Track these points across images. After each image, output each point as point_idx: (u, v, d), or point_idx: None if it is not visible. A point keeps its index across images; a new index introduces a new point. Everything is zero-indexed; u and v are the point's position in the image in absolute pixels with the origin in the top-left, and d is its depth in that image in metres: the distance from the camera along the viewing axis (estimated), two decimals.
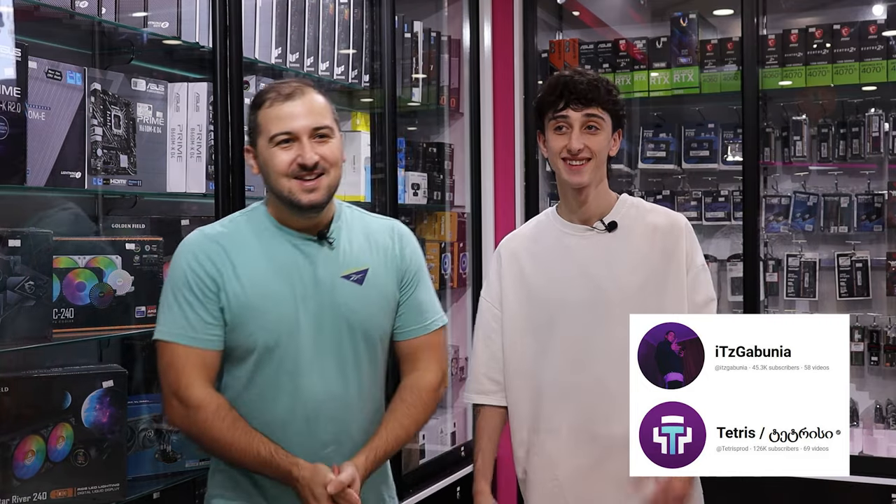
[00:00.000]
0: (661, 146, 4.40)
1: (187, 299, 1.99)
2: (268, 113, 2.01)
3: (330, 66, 3.32)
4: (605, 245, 2.32)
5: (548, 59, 4.54)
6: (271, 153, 2.00)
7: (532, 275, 2.35)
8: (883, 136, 4.05)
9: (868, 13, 4.17)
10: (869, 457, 3.93)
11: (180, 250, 2.05)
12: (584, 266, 2.31)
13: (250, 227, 2.07)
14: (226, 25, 2.67)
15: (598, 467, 2.29)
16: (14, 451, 2.19)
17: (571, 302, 2.30)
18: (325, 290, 2.05)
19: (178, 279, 2.01)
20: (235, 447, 1.96)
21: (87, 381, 2.35)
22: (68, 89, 2.35)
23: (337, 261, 2.08)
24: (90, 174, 2.40)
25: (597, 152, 2.27)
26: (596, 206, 2.34)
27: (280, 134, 1.99)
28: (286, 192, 2.00)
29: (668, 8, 4.55)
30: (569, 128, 2.25)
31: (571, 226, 2.35)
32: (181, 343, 1.98)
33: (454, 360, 4.26)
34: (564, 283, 2.31)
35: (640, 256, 2.31)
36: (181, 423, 2.00)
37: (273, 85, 2.07)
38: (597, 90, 2.24)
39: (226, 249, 2.02)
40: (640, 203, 2.41)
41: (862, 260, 4.14)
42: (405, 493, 3.52)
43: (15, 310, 2.14)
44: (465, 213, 4.30)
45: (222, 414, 1.96)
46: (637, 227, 2.33)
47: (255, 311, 2.00)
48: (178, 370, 1.97)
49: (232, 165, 2.67)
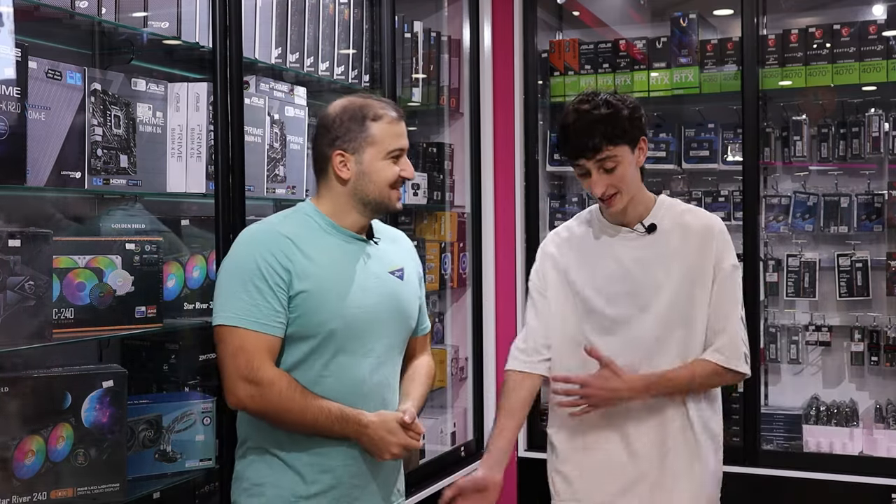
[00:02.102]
0: (661, 146, 4.40)
1: (259, 287, 2.11)
2: (388, 129, 2.24)
3: (330, 66, 3.32)
4: (644, 246, 2.42)
5: (548, 59, 4.54)
6: (383, 165, 2.24)
7: (574, 272, 2.47)
8: (883, 136, 4.05)
9: (868, 13, 4.17)
10: (869, 457, 3.94)
11: (247, 241, 2.20)
12: (624, 266, 2.42)
13: (307, 225, 2.23)
14: (226, 25, 2.67)
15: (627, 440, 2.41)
16: (14, 451, 2.19)
17: (609, 299, 2.41)
18: (381, 283, 2.27)
19: (249, 269, 2.13)
20: (310, 411, 2.12)
21: (87, 381, 2.35)
22: (68, 89, 2.34)
23: (383, 259, 2.31)
24: (90, 174, 2.40)
25: (621, 185, 2.36)
26: (634, 212, 2.44)
27: (397, 150, 2.25)
28: (385, 198, 2.25)
29: (668, 8, 4.55)
30: (588, 175, 2.36)
31: (613, 227, 2.46)
32: (253, 329, 2.11)
33: (454, 360, 4.26)
34: (604, 281, 2.42)
35: (677, 258, 2.40)
36: (251, 402, 2.12)
37: (381, 102, 2.29)
38: (599, 134, 2.29)
39: (293, 241, 2.17)
40: (676, 204, 2.50)
41: (862, 260, 4.14)
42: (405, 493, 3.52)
43: (15, 310, 2.13)
44: (465, 213, 4.30)
45: (293, 386, 2.13)
46: (674, 229, 2.43)
47: (328, 297, 2.15)
48: (249, 353, 2.10)
49: (232, 165, 2.67)
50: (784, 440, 4.07)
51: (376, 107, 2.25)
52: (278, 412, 2.12)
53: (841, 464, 3.86)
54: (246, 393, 2.11)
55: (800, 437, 4.06)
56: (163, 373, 2.78)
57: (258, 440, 2.22)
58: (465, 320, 4.31)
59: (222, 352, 2.13)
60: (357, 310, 2.19)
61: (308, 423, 2.13)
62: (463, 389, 4.34)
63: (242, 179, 2.70)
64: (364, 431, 2.16)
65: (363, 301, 2.21)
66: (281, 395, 2.10)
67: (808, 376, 4.34)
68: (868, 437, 4.04)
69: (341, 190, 2.24)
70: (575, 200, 4.58)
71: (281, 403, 2.11)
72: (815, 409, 4.18)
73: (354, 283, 2.21)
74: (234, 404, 2.15)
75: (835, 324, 4.23)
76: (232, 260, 2.19)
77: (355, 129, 2.22)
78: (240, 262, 2.16)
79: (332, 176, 2.24)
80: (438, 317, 4.33)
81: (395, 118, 2.26)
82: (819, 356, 4.31)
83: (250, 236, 2.21)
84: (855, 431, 4.03)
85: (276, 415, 2.13)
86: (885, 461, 3.85)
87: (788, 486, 3.85)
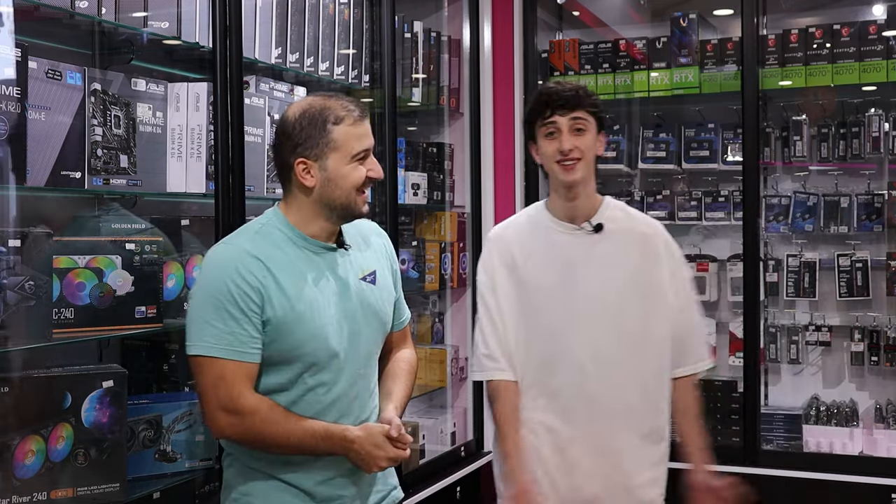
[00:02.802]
0: (661, 146, 4.40)
1: (232, 314, 2.02)
2: (350, 131, 2.11)
3: (330, 66, 3.32)
4: (591, 244, 2.49)
5: (548, 59, 4.54)
6: (351, 168, 2.12)
7: (523, 265, 2.52)
8: (883, 136, 4.05)
9: (868, 13, 4.18)
10: (869, 457, 3.94)
11: (217, 263, 2.07)
12: (571, 262, 2.48)
13: (273, 241, 2.12)
14: (226, 25, 2.67)
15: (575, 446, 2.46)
16: (14, 451, 2.19)
17: (556, 293, 2.47)
18: (353, 293, 2.18)
19: (220, 293, 2.03)
20: (294, 434, 2.05)
21: (87, 381, 2.35)
22: (68, 89, 2.34)
23: (353, 265, 2.22)
24: (90, 174, 2.40)
25: (585, 151, 2.45)
26: (584, 206, 2.51)
27: (363, 151, 2.13)
28: (352, 203, 2.14)
29: (668, 8, 4.55)
30: (558, 132, 2.44)
31: (561, 223, 2.52)
32: (231, 359, 2.02)
33: (454, 360, 4.26)
34: (551, 276, 2.49)
35: (624, 258, 2.48)
36: (232, 431, 2.05)
37: (340, 102, 2.14)
38: (578, 96, 2.45)
39: (263, 262, 2.06)
40: (623, 207, 2.59)
41: (862, 260, 4.14)
42: (405, 493, 3.52)
43: (15, 310, 2.14)
44: (465, 213, 4.30)
45: (275, 410, 2.06)
46: (622, 231, 2.51)
47: (301, 320, 2.07)
48: (228, 383, 2.02)
49: (232, 165, 2.67)
50: (784, 440, 4.07)
51: (337, 108, 2.11)
52: (261, 439, 2.05)
53: (841, 464, 3.86)
54: (227, 422, 2.03)
55: (800, 437, 4.06)
56: (163, 373, 2.78)
57: (240, 455, 2.16)
58: (465, 320, 4.31)
59: (201, 383, 2.05)
60: (331, 327, 2.11)
61: (293, 445, 2.06)
62: (463, 389, 4.34)
63: (242, 179, 2.70)
64: (350, 447, 2.09)
65: (337, 317, 2.13)
66: (263, 423, 2.03)
67: (808, 376, 4.34)
68: (868, 437, 4.04)
69: (306, 199, 2.12)
70: None
71: (264, 430, 2.04)
72: (815, 409, 4.18)
73: (327, 301, 2.12)
74: (216, 434, 2.09)
75: (835, 324, 4.23)
76: (202, 284, 2.08)
77: (316, 134, 2.09)
78: (211, 287, 2.05)
79: (295, 184, 2.12)
80: (438, 317, 4.33)
81: (358, 117, 2.13)
82: (819, 356, 4.31)
83: (217, 259, 2.09)
84: (855, 431, 4.03)
85: (260, 442, 2.06)
86: (885, 461, 3.85)
87: (788, 486, 3.85)
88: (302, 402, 2.10)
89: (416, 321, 4.29)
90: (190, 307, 2.08)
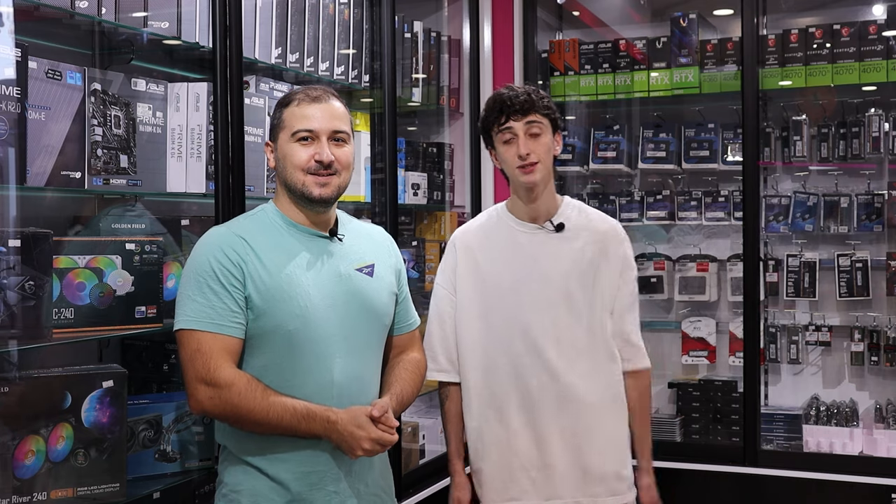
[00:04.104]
0: (661, 146, 4.40)
1: (213, 289, 2.09)
2: (294, 111, 2.20)
3: (330, 66, 3.32)
4: (552, 243, 2.63)
5: (548, 59, 4.54)
6: (291, 148, 2.19)
7: (486, 265, 2.65)
8: (883, 136, 4.05)
9: (868, 13, 4.18)
10: (869, 457, 3.94)
11: (203, 243, 2.17)
12: (535, 259, 2.62)
13: (263, 225, 2.20)
14: (226, 25, 2.67)
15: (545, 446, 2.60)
16: (14, 451, 2.19)
17: (521, 289, 2.60)
18: (345, 281, 2.22)
19: (203, 270, 2.10)
20: (273, 411, 2.06)
21: (87, 381, 2.35)
22: (68, 89, 2.34)
23: (349, 255, 2.26)
24: (90, 174, 2.40)
25: (543, 154, 2.56)
26: (545, 206, 2.64)
27: (302, 130, 2.18)
28: (300, 184, 2.18)
29: (668, 8, 4.56)
30: (514, 137, 2.55)
31: (523, 224, 2.65)
32: (208, 331, 2.07)
33: None
34: (516, 273, 2.62)
35: (582, 255, 2.62)
36: (211, 405, 2.07)
37: (303, 88, 2.25)
38: (532, 100, 2.55)
39: (247, 241, 2.14)
40: (582, 206, 2.72)
41: (862, 260, 4.14)
42: (405, 493, 3.52)
43: (15, 310, 2.13)
44: (465, 213, 4.30)
45: (253, 385, 2.07)
46: (581, 230, 2.65)
47: (282, 297, 2.11)
48: (205, 355, 2.06)
49: (232, 165, 2.67)
50: (784, 440, 4.07)
51: (295, 92, 2.23)
52: (239, 413, 2.06)
53: (841, 464, 3.86)
54: (205, 395, 2.06)
55: (800, 437, 4.06)
56: (163, 373, 2.77)
57: (232, 447, 2.18)
58: None
59: (182, 356, 2.09)
60: (315, 310, 2.14)
61: (272, 422, 2.06)
62: None
63: (242, 179, 2.70)
64: (333, 428, 2.09)
65: (321, 301, 2.15)
66: (241, 396, 2.04)
67: (808, 376, 4.34)
68: (868, 437, 4.04)
69: (279, 184, 2.25)
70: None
71: (242, 404, 2.05)
72: (815, 409, 4.18)
73: (311, 283, 2.15)
74: (195, 407, 2.10)
75: (835, 324, 4.24)
76: (189, 264, 2.16)
77: (276, 116, 2.24)
78: (195, 265, 2.13)
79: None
80: None
81: (307, 100, 2.19)
82: (819, 356, 4.31)
83: (204, 238, 2.18)
84: (855, 431, 4.03)
85: (238, 416, 2.07)
86: (885, 461, 3.85)
87: (788, 486, 3.85)
88: (290, 386, 2.11)
89: None
90: (179, 287, 2.16)
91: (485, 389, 2.64)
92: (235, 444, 2.18)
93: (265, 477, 2.15)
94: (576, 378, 2.59)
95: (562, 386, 2.59)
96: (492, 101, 2.60)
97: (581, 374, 2.60)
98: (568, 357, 2.59)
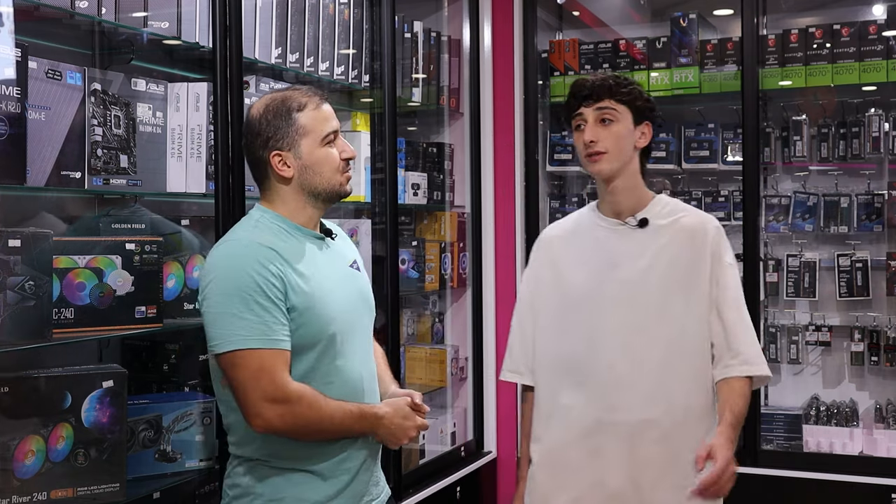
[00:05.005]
0: (661, 146, 4.40)
1: (261, 304, 2.02)
2: (315, 115, 2.17)
3: (330, 66, 3.32)
4: (635, 240, 2.39)
5: (548, 59, 4.54)
6: (324, 152, 2.17)
7: (563, 262, 2.48)
8: (883, 136, 4.05)
9: (868, 13, 4.17)
10: (869, 457, 3.94)
11: (233, 257, 2.07)
12: (613, 258, 2.39)
13: (274, 232, 2.14)
14: (226, 25, 2.67)
15: (601, 453, 2.36)
16: (14, 451, 2.19)
17: (596, 290, 2.39)
18: (349, 278, 2.26)
19: (246, 286, 2.02)
20: (336, 417, 2.09)
21: (87, 381, 2.35)
22: (68, 89, 2.35)
23: (342, 253, 2.29)
24: (90, 174, 2.40)
25: (612, 143, 2.35)
26: (627, 201, 2.41)
27: (331, 133, 2.18)
28: (337, 185, 2.20)
29: (668, 8, 4.56)
30: (585, 124, 2.37)
31: (605, 219, 2.44)
32: (267, 347, 2.02)
33: (454, 360, 4.26)
34: (591, 272, 2.41)
35: (668, 255, 2.37)
36: (281, 422, 2.03)
37: (300, 90, 2.19)
38: (606, 86, 2.36)
39: (278, 252, 2.08)
40: (675, 203, 2.47)
41: (862, 260, 4.14)
42: (405, 493, 3.52)
43: (15, 310, 2.14)
44: (465, 213, 4.30)
45: (316, 395, 2.08)
46: (668, 227, 2.40)
47: (322, 304, 2.11)
48: (270, 373, 2.01)
49: (232, 165, 2.67)
50: (784, 440, 4.07)
51: (297, 97, 2.18)
52: (310, 424, 2.06)
53: (841, 464, 3.86)
54: (275, 413, 2.01)
55: (800, 437, 4.06)
56: (163, 373, 2.78)
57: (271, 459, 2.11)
58: (465, 320, 4.31)
59: (241, 377, 2.01)
60: (343, 311, 2.16)
61: (336, 427, 2.09)
62: (463, 389, 4.34)
63: (242, 179, 2.70)
64: (381, 423, 2.16)
65: (345, 300, 2.19)
66: (311, 407, 2.04)
67: (808, 376, 4.34)
68: (868, 437, 4.04)
69: (288, 189, 2.16)
70: (575, 200, 4.58)
71: (312, 415, 2.05)
72: (815, 409, 4.18)
73: (335, 285, 2.18)
74: (261, 426, 2.03)
75: (835, 324, 4.23)
76: (222, 282, 2.04)
77: (284, 124, 2.14)
78: (235, 281, 2.03)
79: (273, 178, 2.16)
80: (438, 317, 4.33)
81: (319, 102, 2.19)
82: (819, 356, 4.31)
83: (233, 253, 2.08)
84: (855, 431, 4.03)
85: (308, 428, 2.07)
86: (885, 461, 3.85)
87: (788, 486, 3.85)
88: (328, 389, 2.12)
89: (416, 321, 4.29)
90: (210, 307, 2.04)
91: (549, 396, 2.45)
92: (275, 455, 2.12)
93: (316, 478, 2.12)
94: (635, 391, 2.33)
95: (626, 396, 2.33)
96: (571, 86, 2.43)
97: (651, 389, 2.33)
98: (636, 367, 2.32)
